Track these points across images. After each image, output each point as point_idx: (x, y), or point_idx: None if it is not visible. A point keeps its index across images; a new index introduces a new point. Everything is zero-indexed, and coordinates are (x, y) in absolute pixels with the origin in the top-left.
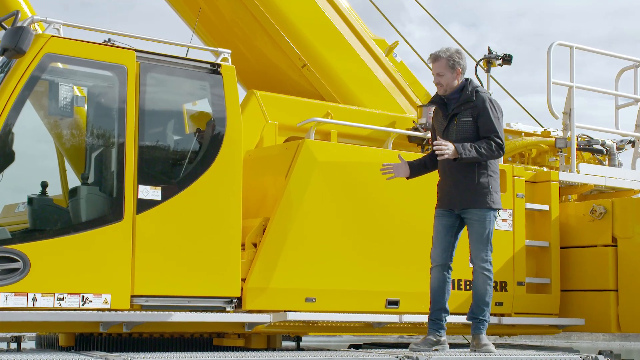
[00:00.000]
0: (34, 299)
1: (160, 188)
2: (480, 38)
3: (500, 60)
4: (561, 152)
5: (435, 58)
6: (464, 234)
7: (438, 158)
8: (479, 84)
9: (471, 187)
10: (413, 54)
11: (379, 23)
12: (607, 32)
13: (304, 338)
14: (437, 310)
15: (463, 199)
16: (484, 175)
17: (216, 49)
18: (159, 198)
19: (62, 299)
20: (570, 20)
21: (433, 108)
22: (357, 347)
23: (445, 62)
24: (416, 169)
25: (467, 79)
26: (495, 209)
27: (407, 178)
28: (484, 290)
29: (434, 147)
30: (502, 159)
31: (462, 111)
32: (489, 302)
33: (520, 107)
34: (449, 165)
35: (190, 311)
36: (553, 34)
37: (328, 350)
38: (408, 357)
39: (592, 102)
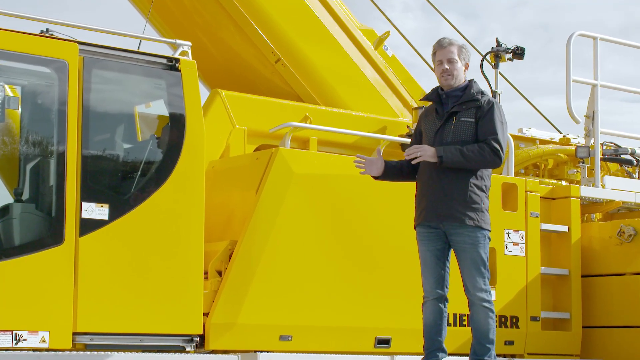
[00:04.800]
0: None
1: (107, 206)
2: (481, 30)
3: (511, 54)
4: (583, 162)
5: (449, 43)
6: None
7: (413, 162)
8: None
9: (463, 200)
10: (403, 48)
11: (360, 9)
12: (620, 22)
13: None
14: (434, 350)
15: (453, 212)
16: (478, 189)
17: (174, 40)
18: (106, 217)
19: None
20: (577, 9)
21: (423, 107)
22: None
23: (458, 49)
24: (391, 171)
25: (471, 80)
26: (489, 230)
27: (376, 179)
28: (486, 325)
29: (405, 153)
30: (513, 171)
31: (463, 110)
32: (493, 338)
33: (535, 109)
34: (438, 173)
35: (143, 351)
36: (559, 26)
37: None
38: None
39: (615, 105)
